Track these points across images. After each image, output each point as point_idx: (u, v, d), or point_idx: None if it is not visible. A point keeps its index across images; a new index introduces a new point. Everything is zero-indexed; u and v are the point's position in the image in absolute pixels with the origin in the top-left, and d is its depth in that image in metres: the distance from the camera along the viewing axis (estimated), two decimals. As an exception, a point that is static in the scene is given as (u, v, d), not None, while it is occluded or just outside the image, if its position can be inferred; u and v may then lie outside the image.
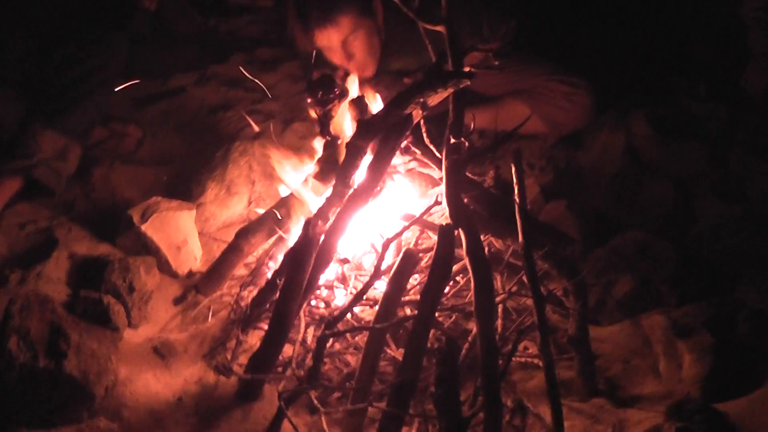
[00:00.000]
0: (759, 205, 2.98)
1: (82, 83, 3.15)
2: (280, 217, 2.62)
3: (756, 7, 3.53)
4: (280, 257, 2.56)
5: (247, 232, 2.66)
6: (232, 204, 3.04)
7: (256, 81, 3.62)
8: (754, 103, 3.51)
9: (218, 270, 2.69)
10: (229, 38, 4.58)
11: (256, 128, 3.48)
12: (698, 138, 3.46)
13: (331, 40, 3.05)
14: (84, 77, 3.16)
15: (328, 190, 2.30)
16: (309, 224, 2.14)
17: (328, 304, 2.49)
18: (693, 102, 3.74)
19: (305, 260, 2.14)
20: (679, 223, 2.96)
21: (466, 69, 2.12)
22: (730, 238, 2.79)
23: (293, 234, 2.60)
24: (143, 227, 2.72)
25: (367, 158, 2.25)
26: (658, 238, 2.69)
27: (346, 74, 2.89)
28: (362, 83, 2.88)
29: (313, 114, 2.67)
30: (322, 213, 2.18)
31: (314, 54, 3.13)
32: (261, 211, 2.84)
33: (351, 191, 2.20)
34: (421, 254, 2.30)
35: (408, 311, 2.36)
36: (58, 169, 3.07)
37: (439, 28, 2.27)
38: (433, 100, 2.13)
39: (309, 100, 2.61)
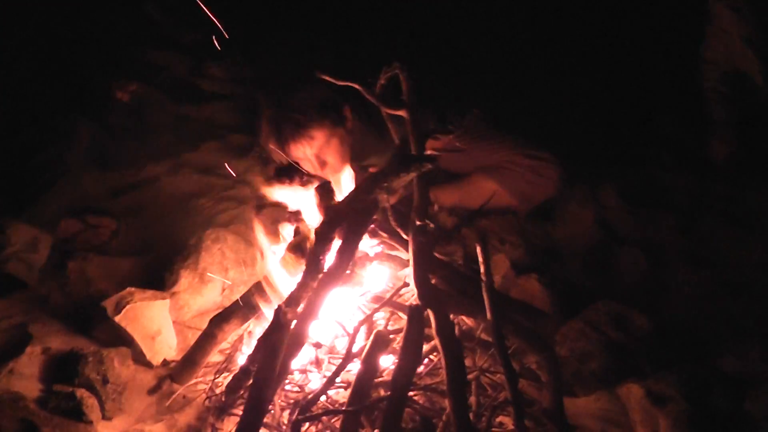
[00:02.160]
0: (730, 271, 3.02)
1: (45, 172, 3.17)
2: (253, 303, 2.62)
3: (714, 78, 3.65)
4: (254, 343, 2.55)
5: (220, 319, 2.67)
6: (205, 292, 3.04)
7: None
8: (719, 171, 3.58)
9: (192, 358, 2.68)
10: (201, 125, 4.64)
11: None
12: (667, 207, 3.52)
13: (305, 152, 3.12)
14: (46, 166, 3.17)
15: (299, 275, 2.32)
16: (280, 310, 2.15)
17: (302, 388, 2.48)
18: (660, 172, 3.81)
19: (278, 346, 2.14)
20: (652, 291, 2.98)
21: (429, 152, 2.17)
22: (702, 304, 2.82)
23: (266, 319, 2.60)
24: (117, 319, 2.72)
25: (336, 243, 2.28)
26: (631, 307, 2.69)
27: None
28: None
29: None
30: (293, 299, 2.19)
31: None
32: (234, 297, 2.84)
33: (321, 276, 2.22)
34: (392, 335, 2.31)
35: (382, 392, 2.35)
36: (29, 260, 3.09)
37: (401, 113, 2.33)
38: (398, 184, 2.17)
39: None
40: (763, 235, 3.19)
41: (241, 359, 2.61)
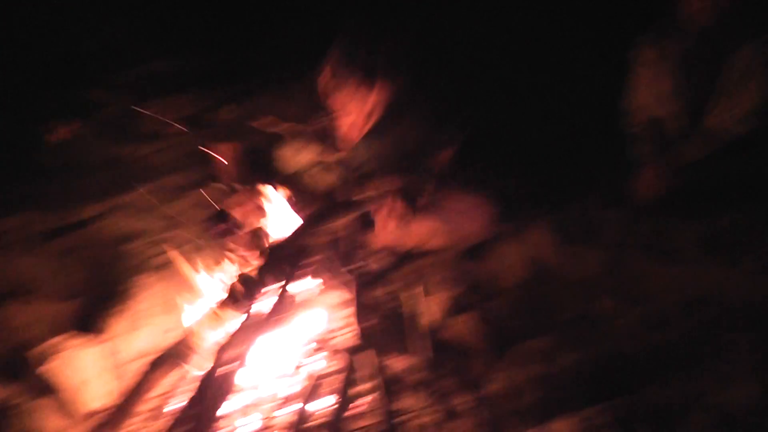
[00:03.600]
0: (656, 305, 3.08)
1: None
2: (184, 349, 2.59)
3: (638, 122, 3.78)
4: (186, 387, 2.53)
5: (152, 366, 2.63)
6: (138, 337, 3.00)
7: None
8: (645, 208, 3.68)
9: (124, 405, 2.63)
10: (137, 166, 4.60)
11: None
12: (597, 243, 3.58)
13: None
14: None
15: (236, 321, 2.31)
16: (217, 354, 2.15)
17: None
18: (590, 210, 3.89)
19: (212, 391, 2.13)
20: (584, 326, 3.02)
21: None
22: (630, 338, 2.87)
23: (199, 365, 2.57)
24: (44, 369, 2.66)
25: (273, 288, 2.28)
26: (562, 342, 2.74)
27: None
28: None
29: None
30: (229, 343, 2.19)
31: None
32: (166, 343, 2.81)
33: (257, 320, 2.22)
34: (330, 376, 2.30)
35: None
36: None
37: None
38: (332, 227, 2.20)
39: (212, 233, 2.64)
40: (685, 270, 3.27)
41: (174, 406, 2.57)
